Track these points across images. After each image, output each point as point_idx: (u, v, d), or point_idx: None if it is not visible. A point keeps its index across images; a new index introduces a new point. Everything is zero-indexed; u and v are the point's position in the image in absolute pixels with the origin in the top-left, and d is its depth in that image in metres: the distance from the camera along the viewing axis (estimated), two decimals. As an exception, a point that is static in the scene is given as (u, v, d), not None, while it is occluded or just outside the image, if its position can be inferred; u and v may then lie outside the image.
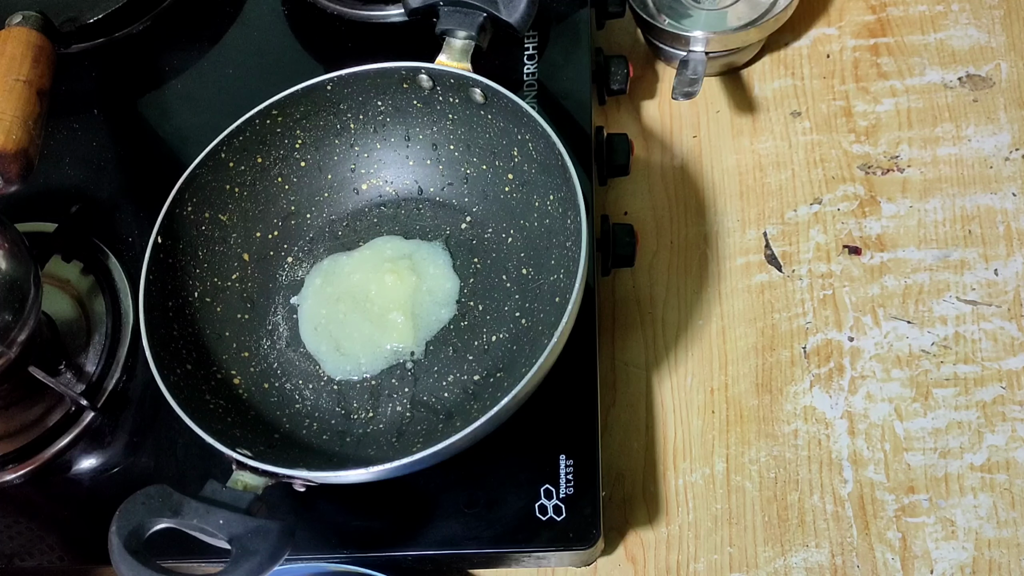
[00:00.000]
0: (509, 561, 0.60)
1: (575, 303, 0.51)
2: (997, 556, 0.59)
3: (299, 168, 0.65)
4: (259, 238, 0.65)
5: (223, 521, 0.47)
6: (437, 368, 0.60)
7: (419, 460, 0.49)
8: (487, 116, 0.59)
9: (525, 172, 0.59)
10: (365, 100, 0.62)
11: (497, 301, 0.61)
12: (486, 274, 0.61)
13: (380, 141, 0.64)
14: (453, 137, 0.62)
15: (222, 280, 0.63)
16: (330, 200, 0.66)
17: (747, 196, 0.73)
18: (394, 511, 0.58)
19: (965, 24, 0.76)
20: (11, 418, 0.65)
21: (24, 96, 0.61)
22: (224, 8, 0.81)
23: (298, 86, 0.61)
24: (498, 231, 0.61)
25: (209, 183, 0.62)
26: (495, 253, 0.61)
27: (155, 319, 0.57)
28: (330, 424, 0.59)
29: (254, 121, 0.62)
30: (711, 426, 0.65)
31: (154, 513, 0.48)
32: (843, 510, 0.61)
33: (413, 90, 0.60)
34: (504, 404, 0.49)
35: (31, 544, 0.61)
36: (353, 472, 0.50)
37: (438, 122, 0.62)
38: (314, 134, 0.64)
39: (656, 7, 0.78)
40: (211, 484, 0.49)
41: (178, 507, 0.48)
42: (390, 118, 0.63)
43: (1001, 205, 0.69)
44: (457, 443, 0.49)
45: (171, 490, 0.48)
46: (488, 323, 0.60)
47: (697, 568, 0.61)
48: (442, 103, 0.60)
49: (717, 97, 0.78)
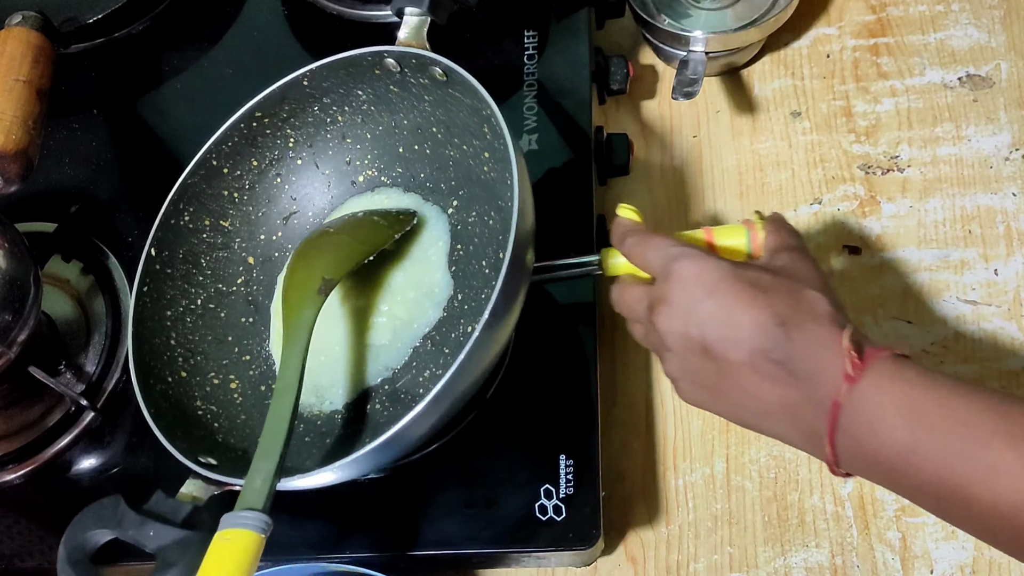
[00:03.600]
0: (509, 561, 0.60)
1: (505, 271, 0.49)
2: (997, 556, 0.59)
3: (296, 166, 0.65)
4: (263, 240, 0.65)
5: (153, 533, 0.49)
6: (416, 364, 0.59)
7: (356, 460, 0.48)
8: (455, 94, 0.58)
9: (498, 149, 0.58)
10: (346, 91, 0.62)
11: (476, 290, 0.59)
12: (467, 261, 0.60)
13: (369, 131, 0.64)
14: (433, 119, 0.61)
15: (227, 285, 0.63)
16: (330, 194, 0.65)
17: (747, 196, 0.73)
18: (394, 511, 0.58)
19: (965, 24, 0.76)
20: (11, 418, 0.65)
21: (24, 96, 0.61)
22: (224, 8, 0.81)
23: (274, 85, 0.61)
24: (481, 214, 0.60)
25: (204, 191, 0.62)
26: (477, 239, 0.60)
27: (148, 330, 0.57)
28: (315, 425, 0.59)
29: (239, 125, 0.61)
30: (711, 426, 0.65)
31: (101, 524, 0.50)
32: (843, 510, 0.61)
33: (386, 75, 0.60)
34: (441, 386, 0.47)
35: (31, 544, 0.61)
36: (299, 479, 0.49)
37: (417, 106, 0.61)
38: (304, 131, 0.64)
39: (656, 7, 0.78)
40: (157, 495, 0.51)
41: (121, 519, 0.50)
42: (374, 107, 0.62)
43: (1001, 205, 0.69)
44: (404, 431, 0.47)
45: (120, 501, 0.51)
46: (466, 313, 0.59)
47: (697, 568, 0.61)
48: (416, 86, 0.60)
49: (717, 97, 0.78)
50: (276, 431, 0.49)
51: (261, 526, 0.45)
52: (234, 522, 0.45)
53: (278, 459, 0.48)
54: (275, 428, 0.49)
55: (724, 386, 0.47)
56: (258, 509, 0.45)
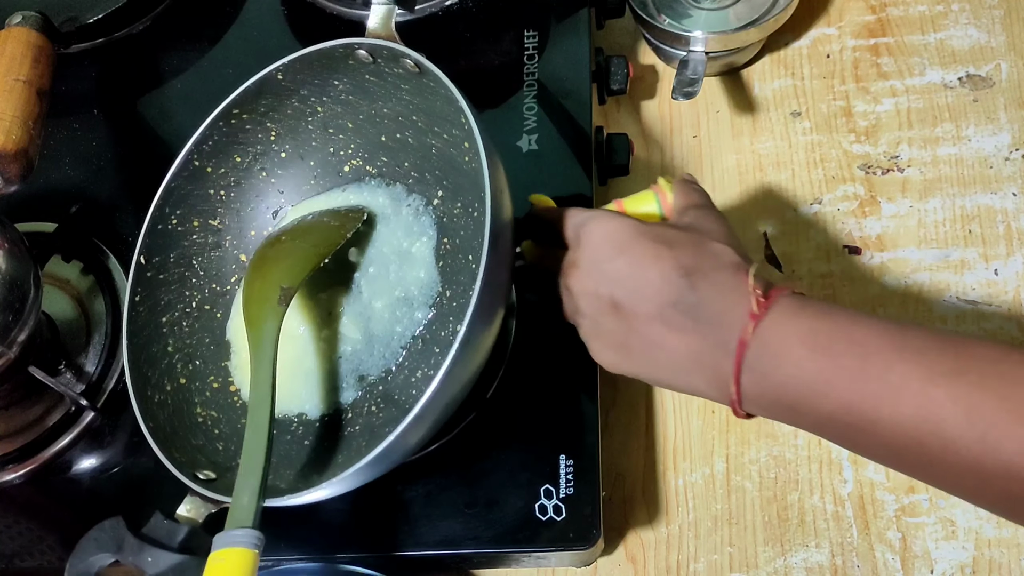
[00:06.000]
0: (509, 561, 0.60)
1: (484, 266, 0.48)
2: (997, 556, 0.59)
3: (280, 159, 0.64)
4: (254, 236, 0.64)
5: (151, 559, 0.50)
6: (408, 364, 0.58)
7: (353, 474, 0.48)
8: (429, 83, 0.57)
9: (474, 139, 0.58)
10: (323, 83, 0.61)
11: (463, 285, 0.58)
12: (454, 256, 0.59)
13: (351, 120, 0.63)
14: (412, 107, 0.61)
15: (221, 285, 0.63)
16: (317, 186, 0.65)
17: (747, 196, 0.73)
18: (394, 511, 0.58)
19: (965, 24, 0.76)
20: (11, 418, 0.65)
21: (24, 96, 0.61)
22: (224, 8, 0.81)
23: (249, 80, 0.61)
24: (466, 205, 0.59)
25: (191, 192, 0.61)
26: (463, 231, 0.59)
27: (144, 340, 0.57)
28: (314, 427, 0.58)
29: (218, 124, 0.61)
30: (711, 426, 0.65)
31: (102, 549, 0.51)
32: (843, 510, 0.61)
33: (360, 66, 0.59)
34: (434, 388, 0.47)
35: (31, 544, 0.61)
36: (290, 498, 0.49)
37: (396, 94, 0.61)
38: (285, 124, 0.63)
39: (656, 7, 0.78)
40: (155, 518, 0.51)
41: (120, 543, 0.51)
42: (352, 96, 0.62)
43: (1001, 205, 0.69)
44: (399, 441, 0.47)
45: (121, 524, 0.51)
46: (455, 311, 0.58)
47: (697, 568, 0.61)
48: (392, 75, 0.59)
49: (717, 97, 0.78)
50: (256, 446, 0.49)
51: (254, 542, 0.45)
52: (227, 541, 0.45)
53: (261, 474, 0.48)
54: (255, 443, 0.49)
55: (635, 342, 0.47)
56: (248, 526, 0.45)
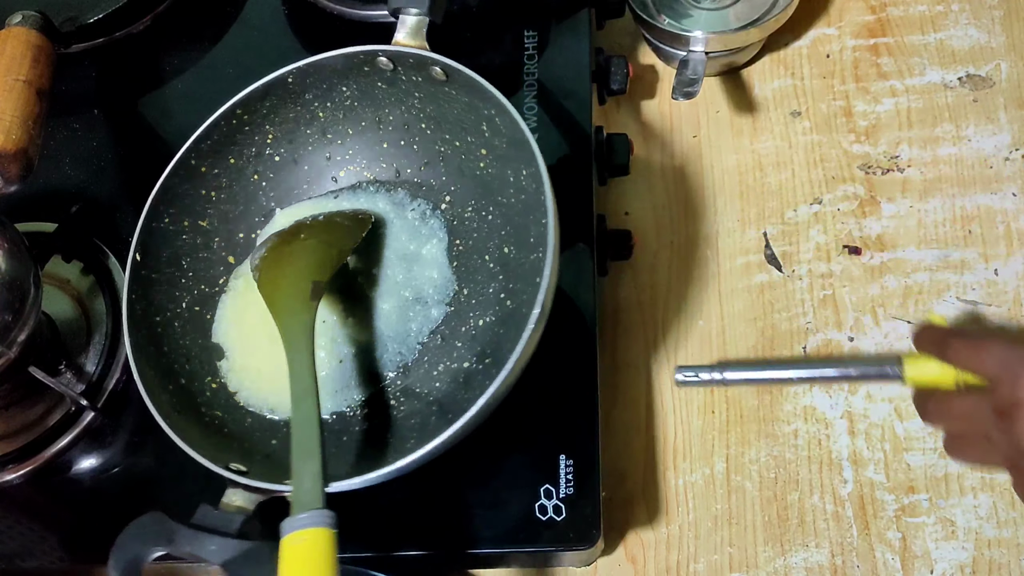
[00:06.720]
0: (509, 561, 0.60)
1: (550, 280, 0.50)
2: (997, 556, 0.59)
3: (273, 163, 0.64)
4: (242, 239, 0.64)
5: (215, 547, 0.48)
6: (428, 358, 0.59)
7: (409, 463, 0.49)
8: (451, 91, 0.57)
9: (497, 147, 0.58)
10: (330, 88, 0.61)
11: (481, 284, 0.59)
12: (469, 256, 0.60)
13: (351, 127, 0.63)
14: (423, 115, 0.61)
15: (209, 287, 0.62)
16: (309, 191, 0.65)
17: (747, 196, 0.73)
18: (394, 511, 0.58)
19: (965, 24, 0.76)
20: (11, 418, 0.65)
21: (24, 96, 0.61)
22: (224, 8, 0.81)
23: (258, 83, 0.60)
24: (478, 209, 0.60)
25: (186, 191, 0.61)
26: (476, 233, 0.60)
27: (143, 339, 0.57)
28: (327, 424, 0.59)
29: (220, 123, 0.61)
30: (711, 426, 0.65)
31: (149, 543, 0.49)
32: (843, 510, 0.61)
33: (375, 73, 0.60)
34: (491, 393, 0.49)
35: (31, 544, 0.61)
36: (344, 483, 0.50)
37: (405, 101, 0.61)
38: (284, 127, 0.63)
39: (656, 7, 0.78)
40: (202, 508, 0.50)
41: (171, 535, 0.49)
42: (358, 102, 0.62)
43: (1001, 205, 0.69)
44: (449, 438, 0.49)
45: (165, 517, 0.49)
46: (474, 307, 0.59)
47: (697, 568, 0.61)
48: (406, 83, 0.59)
49: (717, 97, 0.78)
50: (308, 434, 0.49)
51: (331, 522, 0.45)
52: (303, 523, 0.45)
53: (320, 458, 0.48)
54: (306, 431, 0.49)
55: None
56: (318, 507, 0.46)
